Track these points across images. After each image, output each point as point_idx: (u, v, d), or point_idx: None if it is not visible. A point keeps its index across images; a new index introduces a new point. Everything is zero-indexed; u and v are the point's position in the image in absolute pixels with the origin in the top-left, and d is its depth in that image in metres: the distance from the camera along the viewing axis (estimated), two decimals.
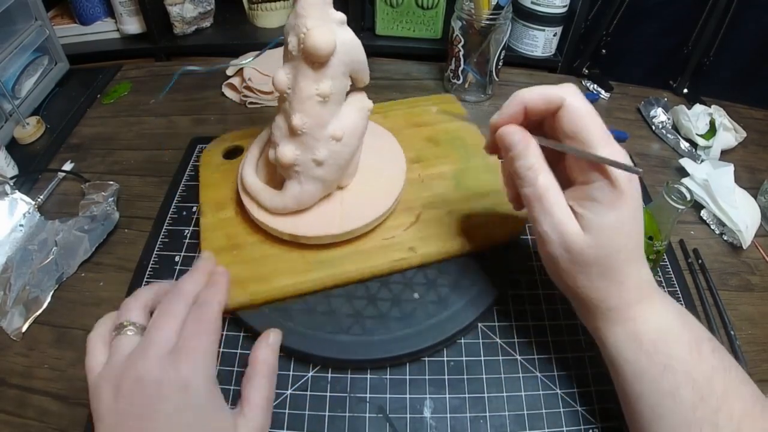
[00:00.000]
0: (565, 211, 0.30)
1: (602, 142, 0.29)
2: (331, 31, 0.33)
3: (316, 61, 0.34)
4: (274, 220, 0.40)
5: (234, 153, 0.49)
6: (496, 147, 0.33)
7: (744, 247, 0.48)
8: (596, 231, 0.29)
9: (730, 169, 0.52)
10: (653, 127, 0.62)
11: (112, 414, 0.27)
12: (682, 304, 0.43)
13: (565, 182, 0.31)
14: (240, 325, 0.39)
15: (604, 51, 0.69)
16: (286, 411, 0.35)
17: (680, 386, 0.28)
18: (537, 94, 0.31)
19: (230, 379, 0.36)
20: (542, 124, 0.33)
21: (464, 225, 0.42)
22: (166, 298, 0.32)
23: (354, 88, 0.39)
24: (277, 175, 0.41)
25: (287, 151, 0.37)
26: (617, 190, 0.29)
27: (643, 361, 0.29)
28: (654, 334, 0.30)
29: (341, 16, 0.35)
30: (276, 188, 0.40)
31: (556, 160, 0.32)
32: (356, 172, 0.43)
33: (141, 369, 0.27)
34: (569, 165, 0.32)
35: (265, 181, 0.42)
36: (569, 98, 0.30)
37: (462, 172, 0.47)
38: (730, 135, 0.59)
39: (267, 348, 0.34)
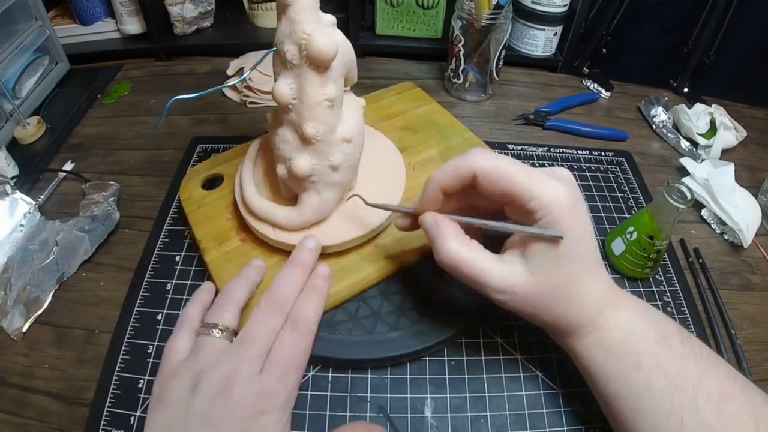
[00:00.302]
0: (498, 271, 0.30)
1: (529, 186, 0.29)
2: (331, 34, 0.33)
3: (321, 65, 0.33)
4: (297, 237, 0.39)
5: (213, 183, 0.47)
6: (412, 224, 0.35)
7: (745, 247, 0.48)
8: (542, 269, 0.30)
9: (730, 168, 0.52)
10: (654, 127, 0.62)
11: (182, 406, 0.28)
12: (682, 304, 0.43)
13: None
14: None
15: (604, 50, 0.69)
16: None
17: (653, 380, 0.28)
18: (448, 174, 0.31)
19: None
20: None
21: None
22: (263, 305, 0.33)
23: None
24: (283, 190, 0.41)
25: (303, 163, 0.36)
26: (559, 222, 0.29)
27: (614, 364, 0.30)
28: (620, 337, 0.30)
29: (332, 18, 0.34)
30: (283, 205, 0.40)
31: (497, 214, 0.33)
32: (358, 172, 0.43)
33: (230, 383, 0.28)
34: (508, 211, 0.33)
35: (269, 200, 0.40)
36: (479, 165, 0.30)
37: (446, 151, 0.49)
38: (730, 134, 0.59)
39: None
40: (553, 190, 0.29)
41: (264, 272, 0.38)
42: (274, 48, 0.35)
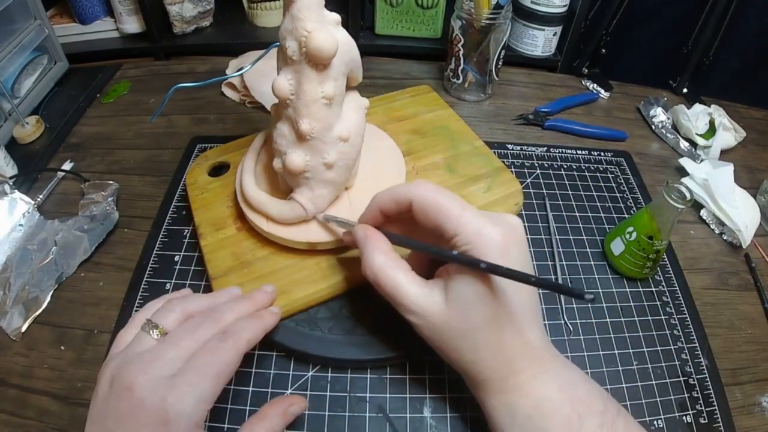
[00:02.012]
0: (416, 290, 0.30)
1: (456, 221, 0.29)
2: (332, 32, 0.33)
3: (320, 63, 0.33)
4: (288, 231, 0.39)
5: (219, 170, 0.47)
6: (352, 241, 0.35)
7: (744, 247, 0.48)
8: (459, 304, 0.28)
9: (729, 168, 0.52)
10: (653, 127, 0.62)
11: (103, 402, 0.27)
12: (681, 304, 0.43)
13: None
14: None
15: (603, 50, 0.69)
16: None
17: None
18: (388, 197, 0.32)
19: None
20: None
21: None
22: (199, 317, 0.31)
23: (347, 87, 0.39)
24: (281, 184, 0.41)
25: (297, 158, 0.36)
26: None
27: None
28: (529, 408, 0.28)
29: (336, 17, 0.34)
30: (280, 198, 0.40)
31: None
32: (358, 171, 0.43)
33: (136, 381, 0.27)
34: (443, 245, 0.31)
35: (266, 193, 0.41)
36: (414, 194, 0.30)
37: (453, 159, 0.49)
38: (729, 135, 0.59)
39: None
40: (481, 230, 0.28)
41: (259, 304, 0.35)
42: (277, 43, 0.35)
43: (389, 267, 0.31)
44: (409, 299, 0.30)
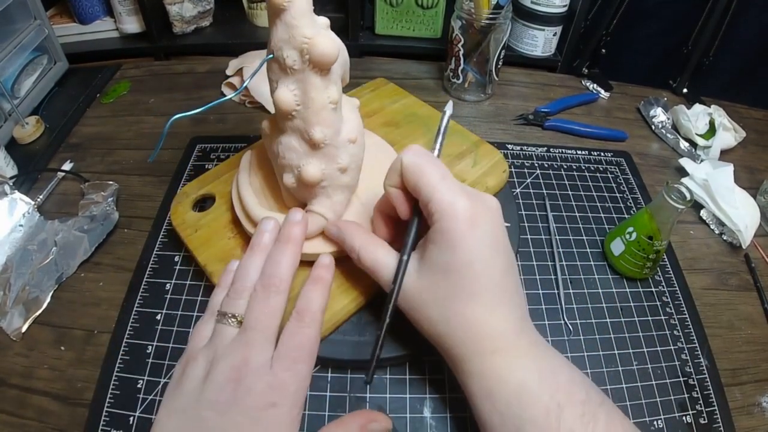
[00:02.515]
0: (394, 264, 0.32)
1: (432, 188, 0.30)
2: (331, 36, 0.33)
3: (324, 68, 0.33)
4: (313, 245, 0.38)
5: (204, 202, 0.45)
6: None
7: (743, 247, 0.48)
8: (429, 274, 0.30)
9: (729, 168, 0.52)
10: (653, 127, 0.63)
11: (195, 392, 0.28)
12: (681, 304, 0.43)
13: None
14: None
15: (603, 51, 0.69)
16: None
17: None
18: (391, 169, 0.33)
19: None
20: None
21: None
22: (258, 288, 0.32)
23: None
24: (288, 199, 0.40)
25: (313, 169, 0.35)
26: (449, 232, 0.29)
27: (496, 421, 0.28)
28: (508, 395, 0.28)
29: (326, 20, 0.34)
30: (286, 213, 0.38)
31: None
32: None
33: (240, 372, 0.28)
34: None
35: (274, 212, 0.40)
36: (404, 160, 0.31)
37: (432, 141, 0.49)
38: (729, 135, 0.59)
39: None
40: (453, 201, 0.29)
41: (300, 239, 0.36)
42: (271, 56, 0.34)
43: (368, 244, 0.34)
44: (387, 270, 0.32)
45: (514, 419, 0.27)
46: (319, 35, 0.32)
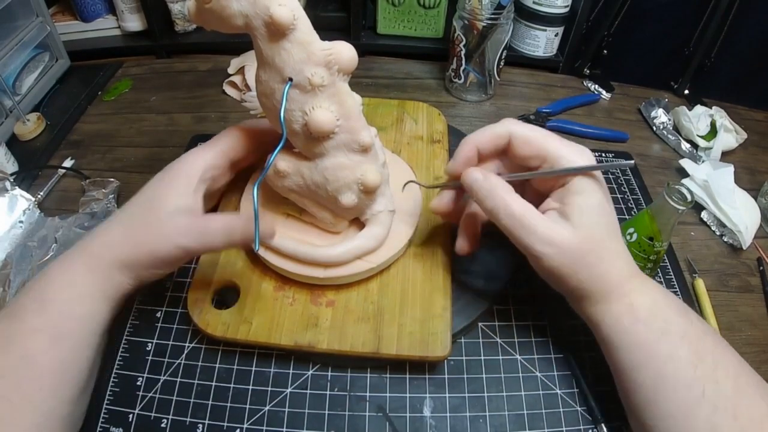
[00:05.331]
0: (547, 223, 0.31)
1: (562, 150, 0.33)
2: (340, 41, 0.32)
3: (351, 72, 0.32)
4: (353, 266, 0.37)
5: (226, 294, 0.38)
6: (447, 203, 0.37)
7: (744, 248, 0.48)
8: (585, 220, 0.31)
9: (730, 170, 0.52)
10: (654, 128, 0.62)
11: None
12: None
13: (535, 200, 0.33)
14: None
15: (605, 51, 0.69)
16: (286, 409, 0.35)
17: (678, 349, 0.29)
18: (487, 136, 0.34)
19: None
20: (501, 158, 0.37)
21: None
22: None
23: None
24: (334, 225, 0.39)
25: (374, 174, 0.34)
26: (592, 178, 0.32)
27: (641, 331, 0.30)
28: (648, 304, 0.31)
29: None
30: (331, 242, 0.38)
31: (518, 187, 0.34)
32: None
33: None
34: (536, 182, 0.35)
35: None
36: (514, 129, 0.34)
37: (368, 121, 0.51)
38: (730, 136, 0.59)
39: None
40: (581, 153, 0.32)
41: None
42: (290, 83, 0.31)
43: (520, 201, 0.32)
44: (545, 228, 0.31)
45: (659, 323, 0.30)
46: (336, 43, 0.31)
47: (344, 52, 0.31)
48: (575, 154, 0.32)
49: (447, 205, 0.37)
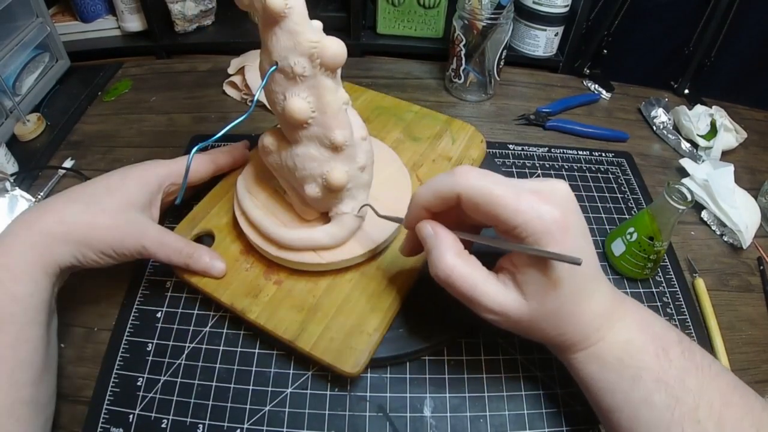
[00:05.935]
0: (495, 291, 0.29)
1: (514, 211, 0.27)
2: (333, 37, 0.33)
3: (335, 69, 0.33)
4: (341, 252, 0.37)
5: (204, 239, 0.42)
6: (411, 248, 0.35)
7: (744, 248, 0.48)
8: (536, 296, 0.29)
9: (730, 169, 0.52)
10: (654, 128, 0.62)
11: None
12: (681, 305, 0.43)
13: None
14: (240, 324, 0.39)
15: (605, 51, 0.69)
16: (286, 409, 0.35)
17: (652, 393, 0.28)
18: (431, 194, 0.30)
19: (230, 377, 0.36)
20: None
21: None
22: None
23: None
24: (305, 212, 0.39)
25: (340, 174, 0.35)
26: (547, 247, 0.27)
27: (612, 378, 0.30)
28: (618, 351, 0.30)
29: (319, 23, 0.33)
30: (305, 228, 0.38)
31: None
32: None
33: None
34: (498, 231, 0.30)
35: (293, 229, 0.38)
36: (461, 186, 0.29)
37: (408, 129, 0.51)
38: (730, 136, 0.59)
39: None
40: (541, 215, 0.27)
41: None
42: (275, 67, 0.33)
43: (463, 266, 0.29)
44: (488, 298, 0.29)
45: (629, 370, 0.29)
46: (326, 38, 0.32)
47: (330, 47, 0.31)
48: (536, 214, 0.27)
49: (411, 249, 0.35)
